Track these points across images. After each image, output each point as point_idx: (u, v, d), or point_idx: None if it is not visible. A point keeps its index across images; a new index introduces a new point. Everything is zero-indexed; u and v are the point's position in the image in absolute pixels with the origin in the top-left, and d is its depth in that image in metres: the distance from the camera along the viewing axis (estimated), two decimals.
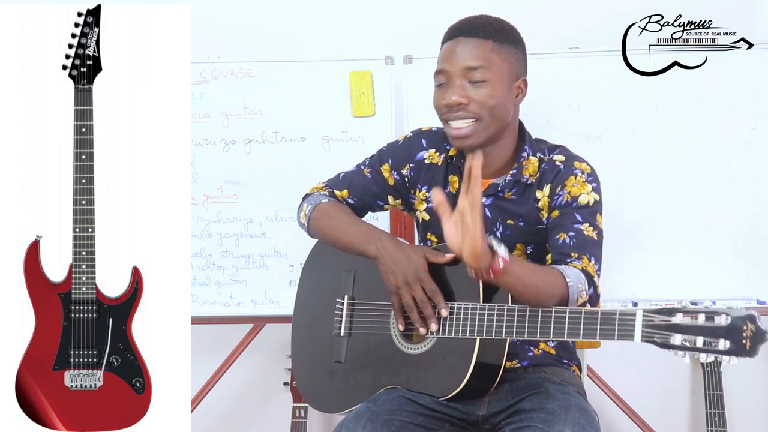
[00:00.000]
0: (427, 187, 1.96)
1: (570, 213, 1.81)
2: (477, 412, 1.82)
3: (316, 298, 2.03)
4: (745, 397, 2.80)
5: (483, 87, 1.80)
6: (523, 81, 1.87)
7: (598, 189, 1.85)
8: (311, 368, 1.99)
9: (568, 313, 1.62)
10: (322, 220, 1.96)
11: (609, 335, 1.57)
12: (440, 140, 1.97)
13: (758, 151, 2.48)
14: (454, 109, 1.80)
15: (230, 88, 2.62)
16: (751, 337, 1.43)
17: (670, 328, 1.49)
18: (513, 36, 1.87)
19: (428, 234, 1.96)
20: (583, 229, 1.79)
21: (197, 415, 2.65)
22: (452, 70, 1.81)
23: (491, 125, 1.82)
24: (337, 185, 2.03)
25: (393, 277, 1.81)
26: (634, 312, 1.53)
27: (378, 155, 2.03)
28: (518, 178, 1.87)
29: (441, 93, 1.84)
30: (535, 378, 1.86)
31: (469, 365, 1.73)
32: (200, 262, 2.62)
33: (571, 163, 1.86)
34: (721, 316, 1.45)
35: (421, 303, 1.78)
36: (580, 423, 1.67)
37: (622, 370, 2.82)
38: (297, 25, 2.86)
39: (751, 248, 2.48)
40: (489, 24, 1.84)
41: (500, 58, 1.82)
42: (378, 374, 1.87)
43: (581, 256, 1.76)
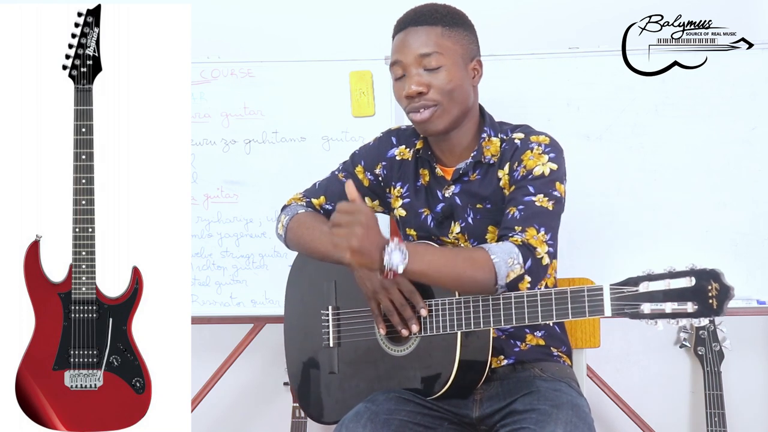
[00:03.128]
0: (401, 183, 1.97)
1: (523, 186, 1.79)
2: (471, 414, 1.82)
3: (303, 312, 2.02)
4: (745, 397, 2.80)
5: (439, 73, 1.80)
6: (477, 62, 1.88)
7: (557, 159, 1.81)
8: (308, 382, 2.00)
9: (540, 296, 1.63)
10: (298, 230, 1.96)
11: (580, 313, 1.58)
12: (409, 136, 1.98)
13: (758, 151, 2.48)
14: (415, 99, 1.81)
15: (230, 88, 2.62)
16: (716, 295, 1.45)
17: (638, 298, 1.50)
18: (461, 19, 1.87)
19: (407, 230, 1.97)
20: (536, 200, 1.76)
21: (197, 415, 2.65)
22: (406, 60, 1.82)
23: (452, 109, 1.82)
24: (314, 193, 2.04)
25: (369, 282, 1.81)
26: (601, 287, 1.55)
27: (351, 159, 2.05)
28: (479, 158, 1.87)
29: (400, 85, 1.84)
30: (525, 376, 1.85)
31: (454, 360, 1.73)
32: (200, 262, 2.62)
33: (528, 139, 1.85)
34: (685, 278, 1.47)
35: (399, 306, 1.78)
36: (572, 421, 1.67)
37: (622, 370, 2.83)
38: (297, 25, 2.86)
39: (751, 248, 2.48)
40: (436, 11, 1.85)
41: (452, 41, 1.82)
42: (370, 380, 1.87)
43: (526, 229, 1.72)
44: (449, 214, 1.89)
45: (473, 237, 1.87)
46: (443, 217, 1.89)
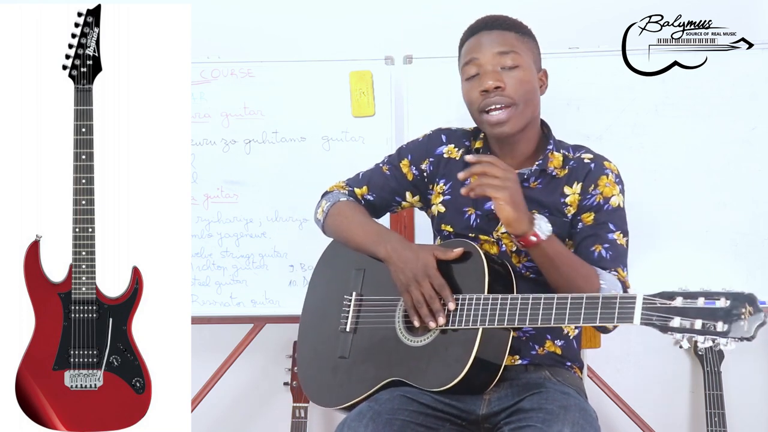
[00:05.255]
0: (444, 180, 1.98)
1: (604, 222, 1.84)
2: (477, 411, 1.82)
3: (326, 296, 2.03)
4: (745, 397, 2.80)
5: (516, 71, 1.84)
6: (544, 73, 1.93)
7: (623, 190, 1.90)
8: (315, 364, 1.99)
9: (570, 299, 1.64)
10: (337, 218, 1.99)
11: (609, 319, 1.59)
12: (459, 137, 2.00)
13: (758, 151, 2.48)
14: (491, 94, 1.82)
15: (230, 88, 2.62)
16: (749, 319, 1.43)
17: (670, 311, 1.50)
18: (530, 31, 1.93)
19: (443, 226, 1.97)
20: (617, 238, 1.84)
21: (197, 415, 2.65)
22: (483, 58, 1.84)
23: (526, 111, 1.85)
24: (357, 183, 2.06)
25: (402, 275, 1.83)
26: (635, 296, 1.55)
27: (398, 152, 2.06)
28: (544, 168, 1.89)
29: (474, 83, 1.86)
30: (535, 377, 1.86)
31: (470, 356, 1.73)
32: (200, 262, 2.62)
33: (601, 163, 1.90)
34: (720, 299, 1.45)
35: (429, 298, 1.79)
36: (579, 423, 1.67)
37: (622, 370, 2.83)
38: (297, 25, 2.86)
39: (751, 248, 2.48)
40: (507, 19, 1.90)
41: (525, 46, 1.87)
42: (380, 368, 1.87)
43: (616, 269, 1.82)
44: None
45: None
46: (495, 215, 1.87)
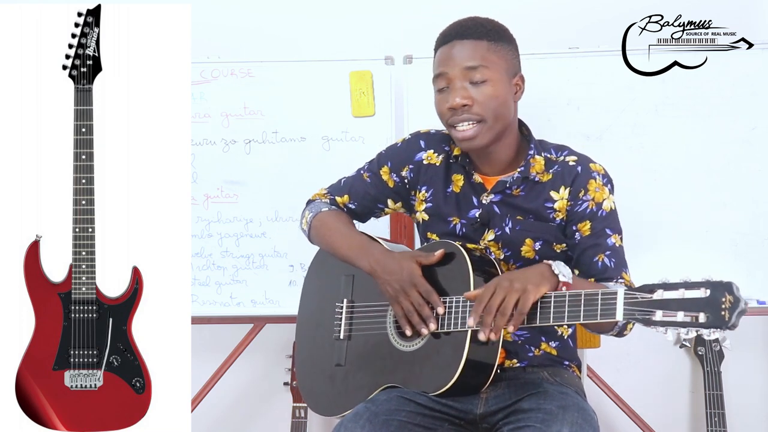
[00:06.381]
0: (426, 187, 1.96)
1: (601, 229, 1.84)
2: (474, 410, 1.82)
3: (318, 304, 2.04)
4: (745, 397, 2.80)
5: (485, 86, 1.80)
6: (520, 77, 1.88)
7: (612, 190, 1.88)
8: (313, 373, 2.00)
9: (553, 297, 1.65)
10: (320, 229, 2.00)
11: (592, 316, 1.59)
12: (438, 141, 1.97)
13: (758, 151, 2.48)
14: (458, 111, 1.80)
15: (230, 88, 2.62)
16: (729, 308, 1.43)
17: (652, 305, 1.50)
18: (505, 34, 1.87)
19: (428, 233, 1.97)
20: (615, 241, 1.84)
21: (197, 415, 2.65)
22: (452, 73, 1.81)
23: (495, 125, 1.82)
24: (338, 191, 2.05)
25: (389, 287, 1.83)
26: (616, 291, 1.56)
27: (377, 159, 2.03)
28: (526, 175, 1.87)
29: (443, 97, 1.84)
30: (533, 378, 1.86)
31: (461, 358, 1.73)
32: (200, 262, 2.62)
33: (587, 165, 1.87)
34: (700, 289, 1.46)
35: (418, 306, 1.79)
36: (578, 423, 1.68)
37: (622, 370, 2.83)
38: (297, 25, 2.86)
39: (751, 248, 2.48)
40: (481, 25, 1.85)
41: (497, 56, 1.82)
42: (376, 374, 1.88)
43: (622, 275, 1.83)
44: (486, 221, 1.88)
45: (507, 246, 1.87)
46: (480, 223, 1.88)
